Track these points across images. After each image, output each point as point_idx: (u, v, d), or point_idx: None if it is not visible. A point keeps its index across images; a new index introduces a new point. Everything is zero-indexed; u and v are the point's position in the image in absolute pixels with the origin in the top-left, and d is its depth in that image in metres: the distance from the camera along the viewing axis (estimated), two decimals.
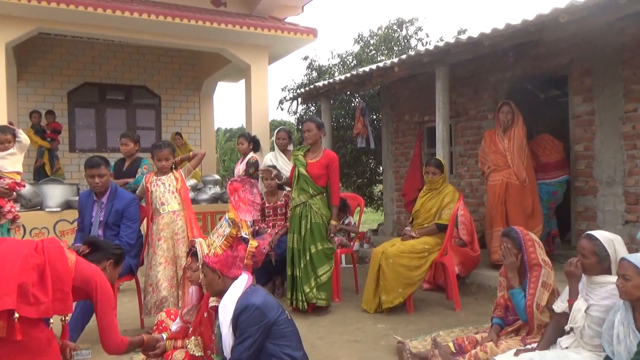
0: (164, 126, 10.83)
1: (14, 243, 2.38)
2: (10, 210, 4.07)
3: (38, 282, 2.19)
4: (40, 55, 9.81)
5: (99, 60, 10.25)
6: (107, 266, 2.72)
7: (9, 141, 4.19)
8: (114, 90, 10.54)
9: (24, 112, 9.56)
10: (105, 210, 4.10)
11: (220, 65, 9.73)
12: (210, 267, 2.71)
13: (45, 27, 7.08)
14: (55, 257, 2.30)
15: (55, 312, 2.22)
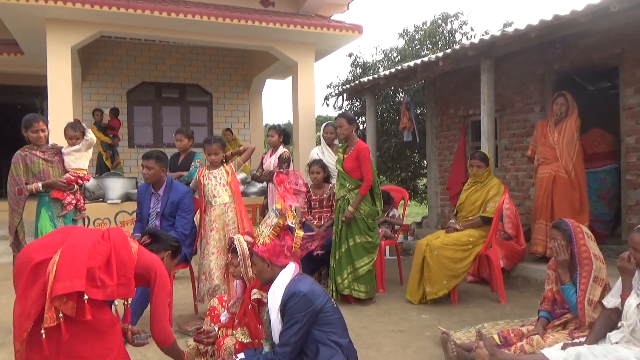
0: (215, 122, 11.04)
1: (83, 231, 2.49)
2: (70, 202, 4.24)
3: (105, 267, 2.30)
4: (102, 57, 10.19)
5: (155, 61, 10.55)
6: (165, 257, 2.80)
7: (77, 138, 4.36)
8: (169, 88, 10.83)
9: (88, 111, 9.96)
10: (162, 202, 4.24)
11: (268, 63, 9.83)
12: (260, 256, 2.75)
13: (106, 30, 7.33)
14: (119, 245, 2.39)
15: (119, 296, 2.31)
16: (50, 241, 2.42)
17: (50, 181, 4.16)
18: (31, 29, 7.21)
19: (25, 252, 2.39)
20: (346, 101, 10.62)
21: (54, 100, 6.98)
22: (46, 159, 4.21)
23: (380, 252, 5.39)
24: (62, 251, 2.24)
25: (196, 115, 11.05)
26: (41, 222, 4.14)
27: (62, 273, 2.16)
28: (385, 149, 10.15)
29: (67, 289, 2.13)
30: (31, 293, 2.19)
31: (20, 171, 4.09)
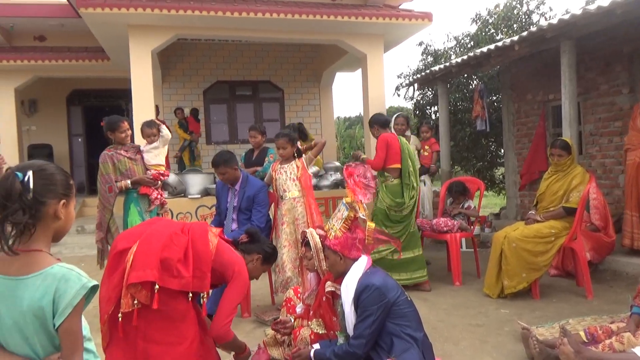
0: (287, 117, 11.23)
1: (165, 223, 2.62)
2: (157, 197, 4.49)
3: (183, 259, 2.39)
4: (179, 59, 10.66)
5: (228, 60, 10.89)
6: (255, 260, 2.78)
7: (154, 135, 4.59)
8: (242, 86, 11.14)
9: (168, 111, 10.47)
10: (239, 196, 4.38)
11: (338, 56, 9.84)
12: (332, 250, 2.78)
13: (183, 33, 7.65)
14: (197, 238, 2.47)
15: (194, 288, 2.38)
16: (134, 231, 2.57)
17: (138, 178, 4.41)
18: (115, 35, 7.67)
19: (114, 240, 2.56)
20: (417, 91, 10.41)
21: (138, 101, 7.39)
22: (130, 157, 4.47)
23: (456, 244, 5.27)
24: (140, 242, 2.37)
25: (268, 111, 11.29)
26: (131, 217, 4.40)
27: (137, 262, 2.30)
28: (459, 138, 9.88)
29: (140, 277, 2.25)
30: (113, 278, 2.35)
31: (109, 170, 4.37)
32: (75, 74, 10.24)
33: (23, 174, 1.49)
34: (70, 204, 1.60)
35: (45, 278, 1.48)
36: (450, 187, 5.77)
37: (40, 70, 9.78)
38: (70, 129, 12.24)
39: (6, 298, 1.49)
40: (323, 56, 10.92)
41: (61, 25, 9.65)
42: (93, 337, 1.76)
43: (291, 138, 4.62)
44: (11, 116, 9.87)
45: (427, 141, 7.28)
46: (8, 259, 1.49)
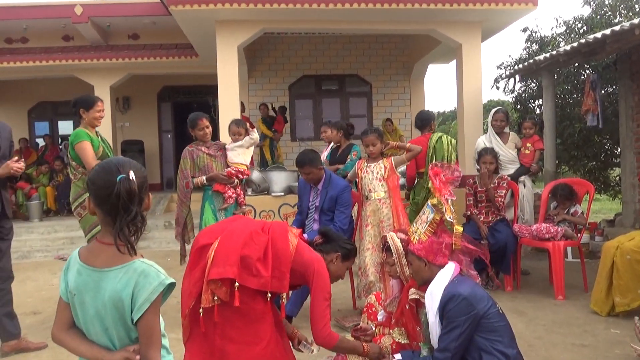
0: (375, 113, 11.21)
1: (246, 221, 2.72)
2: (230, 195, 4.62)
3: (262, 258, 2.48)
4: (265, 53, 11.01)
5: (315, 53, 11.07)
6: (335, 259, 2.81)
7: (241, 134, 4.76)
8: (329, 80, 11.28)
9: (254, 107, 10.86)
10: (321, 196, 4.44)
11: (430, 47, 9.66)
12: (416, 255, 2.74)
13: (269, 27, 7.88)
14: (277, 238, 2.54)
15: (272, 288, 2.45)
16: (217, 228, 2.69)
17: (213, 174, 4.59)
18: (203, 32, 8.07)
19: (197, 236, 2.71)
20: (519, 83, 9.94)
21: (223, 97, 7.74)
22: (210, 153, 4.66)
23: (559, 254, 4.98)
24: (222, 238, 2.48)
25: (356, 106, 11.34)
26: (205, 215, 4.59)
27: (218, 259, 2.41)
28: (567, 135, 9.30)
29: (220, 274, 2.36)
30: (194, 273, 2.48)
31: (187, 165, 4.59)
32: (166, 71, 10.92)
33: (126, 174, 1.62)
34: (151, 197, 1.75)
35: (127, 271, 1.61)
36: (555, 190, 5.46)
37: (134, 68, 10.53)
38: (161, 125, 13.06)
39: (91, 288, 1.64)
40: (414, 47, 10.77)
41: (153, 23, 10.32)
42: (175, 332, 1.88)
43: (380, 134, 4.60)
44: (107, 113, 10.68)
45: (529, 138, 6.93)
46: (96, 251, 1.65)
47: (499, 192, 5.28)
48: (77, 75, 10.53)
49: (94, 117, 4.48)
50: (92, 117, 4.48)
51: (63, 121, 13.41)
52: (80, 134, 4.39)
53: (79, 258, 1.69)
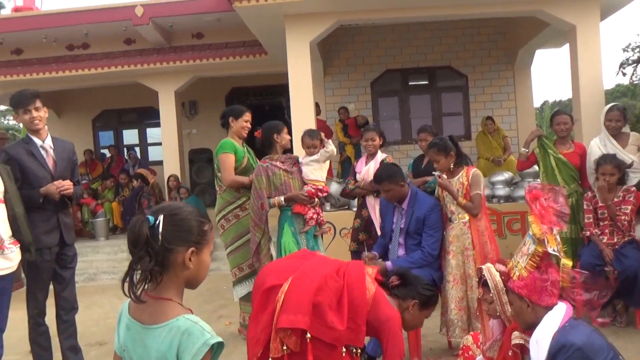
0: (473, 110, 10.94)
1: (319, 260, 2.74)
2: (312, 217, 4.67)
3: (335, 306, 2.48)
4: (342, 46, 11.07)
5: (399, 44, 10.99)
6: (411, 307, 2.79)
7: (315, 146, 4.79)
8: (417, 74, 11.15)
9: (331, 108, 10.94)
10: (406, 217, 4.36)
11: (536, 30, 9.28)
12: (516, 294, 2.64)
13: (345, 19, 7.91)
14: (354, 284, 2.53)
15: (347, 342, 2.45)
16: (284, 266, 2.73)
17: (293, 194, 4.66)
18: (271, 28, 8.25)
19: (261, 274, 2.75)
20: None
21: (296, 98, 7.86)
22: (286, 169, 4.74)
23: None
24: (292, 280, 2.51)
25: (449, 103, 11.12)
26: (284, 239, 4.65)
27: (289, 305, 2.43)
28: None
29: (291, 323, 2.38)
30: (262, 318, 2.52)
31: (262, 184, 4.69)
32: (234, 72, 11.26)
33: (154, 217, 1.68)
34: (203, 252, 1.76)
35: (170, 330, 1.66)
36: None
37: (199, 70, 10.95)
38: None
39: (139, 345, 1.71)
40: (517, 31, 10.40)
41: (218, 21, 10.69)
42: None
43: (440, 148, 4.41)
44: (172, 120, 11.23)
45: None
46: (142, 305, 1.71)
47: (624, 207, 4.95)
48: (140, 81, 11.12)
49: (241, 126, 4.98)
50: (240, 126, 4.98)
51: (127, 130, 14.22)
52: (225, 145, 4.84)
53: (129, 311, 1.77)
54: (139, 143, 14.10)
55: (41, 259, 3.95)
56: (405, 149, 10.97)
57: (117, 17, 10.50)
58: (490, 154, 9.55)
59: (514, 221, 7.09)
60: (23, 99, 3.97)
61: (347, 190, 5.62)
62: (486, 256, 4.20)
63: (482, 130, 9.97)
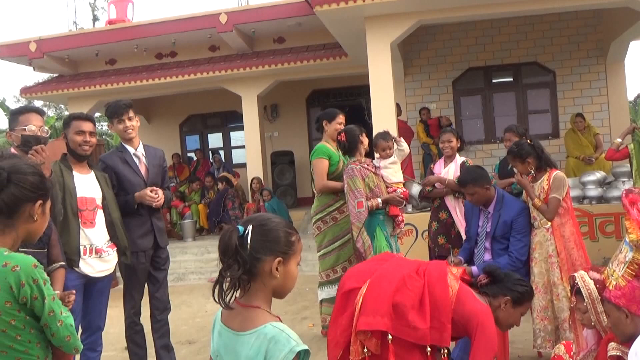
0: (561, 107, 10.52)
1: (398, 262, 2.73)
2: (402, 219, 4.65)
3: (417, 306, 2.46)
4: (423, 45, 10.94)
5: (482, 41, 10.73)
6: (504, 304, 2.71)
7: (390, 147, 4.79)
8: (500, 71, 10.86)
9: (412, 108, 10.85)
10: (492, 221, 4.25)
11: (630, 21, 8.79)
12: (613, 304, 2.52)
13: (426, 18, 7.82)
14: (434, 283, 2.51)
15: (431, 341, 2.42)
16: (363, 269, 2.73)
17: (390, 196, 4.63)
18: (352, 30, 8.28)
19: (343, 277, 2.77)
20: None
21: (376, 99, 7.87)
22: (375, 172, 4.74)
23: None
24: (370, 283, 2.51)
25: (535, 101, 10.76)
26: (378, 242, 4.59)
27: (367, 307, 2.43)
28: None
29: (370, 325, 2.38)
30: (341, 320, 2.53)
31: (359, 185, 4.59)
32: (314, 75, 11.40)
33: (244, 227, 1.75)
34: (290, 262, 1.80)
35: (258, 337, 1.70)
36: None
37: (281, 74, 11.17)
38: (310, 132, 13.62)
39: (230, 351, 1.77)
40: (609, 23, 9.91)
41: (299, 25, 10.84)
42: None
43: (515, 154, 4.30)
44: (255, 123, 11.51)
45: None
46: (233, 312, 1.78)
47: None
48: (225, 86, 11.49)
49: (334, 128, 5.03)
50: (333, 128, 5.04)
51: (212, 134, 14.69)
52: (319, 150, 4.97)
53: (221, 318, 1.84)
54: (223, 146, 14.55)
55: (137, 261, 4.15)
56: (489, 149, 10.70)
57: (202, 25, 10.87)
58: (581, 152, 9.15)
59: (606, 223, 6.77)
60: (117, 109, 4.18)
61: (425, 192, 5.50)
62: (574, 263, 4.05)
63: (571, 127, 9.58)
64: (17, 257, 1.96)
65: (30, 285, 1.93)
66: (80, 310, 3.69)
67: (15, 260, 1.93)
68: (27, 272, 1.93)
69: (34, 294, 1.94)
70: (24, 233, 2.06)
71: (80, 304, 3.67)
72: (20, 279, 1.91)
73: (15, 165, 2.02)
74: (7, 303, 1.92)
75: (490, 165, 9.15)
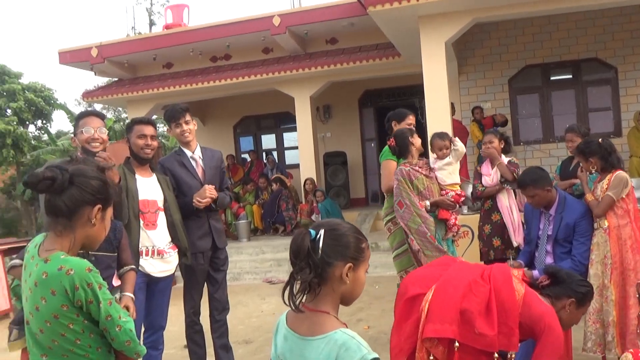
0: (623, 104, 10.14)
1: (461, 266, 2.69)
2: (455, 223, 4.57)
3: (484, 312, 2.41)
4: (478, 44, 10.74)
5: (540, 37, 10.46)
6: (568, 305, 2.66)
7: (447, 147, 4.69)
8: (559, 68, 10.57)
9: (466, 107, 10.67)
10: (554, 223, 4.12)
11: None
12: None
13: (482, 16, 7.67)
14: (501, 287, 2.46)
15: (500, 347, 2.38)
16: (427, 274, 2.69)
17: (439, 199, 4.54)
18: (405, 29, 8.21)
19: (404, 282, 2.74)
20: None
21: (431, 99, 7.79)
22: (426, 174, 4.67)
23: None
24: (436, 289, 2.47)
25: (596, 98, 10.43)
26: None
27: (434, 314, 2.39)
28: None
29: (437, 332, 2.34)
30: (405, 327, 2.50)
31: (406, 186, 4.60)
32: (367, 75, 11.38)
33: (316, 232, 1.75)
34: (359, 269, 1.79)
35: (329, 342, 1.70)
36: None
37: (334, 75, 11.20)
38: (363, 133, 13.60)
39: (296, 356, 1.77)
40: None
41: (351, 25, 10.83)
42: None
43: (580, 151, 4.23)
44: (308, 125, 11.56)
45: None
46: (300, 316, 1.78)
47: None
48: (278, 88, 11.59)
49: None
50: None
51: (266, 135, 14.84)
52: (387, 151, 4.91)
53: (286, 322, 1.84)
54: (277, 147, 14.68)
55: (195, 262, 4.22)
56: (547, 148, 10.42)
57: (256, 28, 11.01)
58: None
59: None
60: (174, 114, 4.26)
61: (478, 192, 5.36)
62: (626, 267, 3.95)
63: (634, 126, 9.24)
64: (72, 260, 2.01)
65: (84, 289, 1.98)
66: (143, 309, 3.78)
67: (70, 264, 1.99)
68: (81, 275, 1.98)
69: (89, 297, 1.99)
70: (82, 237, 2.11)
71: (143, 303, 3.77)
72: (74, 283, 1.96)
73: (79, 169, 2.08)
74: (63, 306, 1.98)
75: (548, 166, 8.92)
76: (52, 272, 1.97)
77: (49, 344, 2.02)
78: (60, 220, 2.05)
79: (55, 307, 1.97)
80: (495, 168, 5.18)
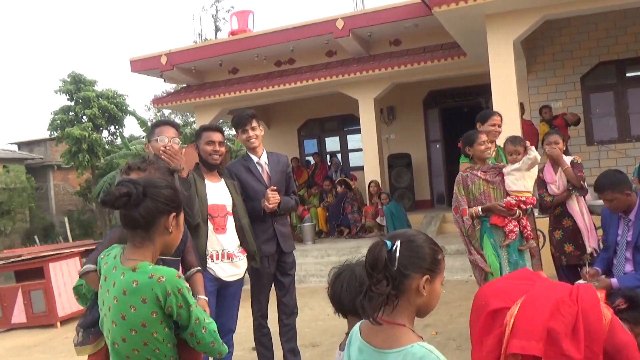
0: None
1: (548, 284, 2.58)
2: (512, 230, 4.36)
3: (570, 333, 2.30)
4: (548, 41, 10.41)
5: (614, 33, 10.04)
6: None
7: (519, 153, 4.48)
8: (635, 65, 10.12)
9: (536, 107, 10.34)
10: (634, 229, 3.93)
11: None
12: None
13: (553, 13, 7.43)
14: (589, 309, 2.34)
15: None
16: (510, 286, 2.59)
17: (490, 205, 4.42)
18: (471, 28, 8.04)
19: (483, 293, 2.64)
20: None
21: (498, 99, 7.60)
22: (487, 179, 4.52)
23: None
24: (522, 304, 2.38)
25: None
26: (485, 251, 4.44)
27: (520, 329, 2.31)
28: None
29: (523, 349, 2.25)
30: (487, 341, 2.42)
31: (462, 192, 4.51)
32: (431, 76, 11.20)
33: (392, 243, 1.71)
34: (436, 281, 1.75)
35: (406, 356, 1.66)
36: None
37: (398, 76, 11.09)
38: (428, 134, 13.40)
39: None
40: None
41: (415, 26, 10.70)
42: None
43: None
44: (372, 127, 11.50)
45: None
46: (375, 328, 1.75)
47: None
48: (341, 90, 11.58)
49: (487, 130, 4.79)
50: (487, 131, 4.78)
51: (329, 137, 14.88)
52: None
53: (360, 334, 1.82)
54: (341, 149, 14.68)
55: (261, 266, 4.27)
56: (623, 148, 9.97)
57: (319, 32, 11.04)
58: None
59: None
60: (241, 120, 4.33)
61: (547, 204, 5.15)
62: None
63: None
64: (161, 269, 2.06)
65: (175, 295, 2.03)
66: (214, 313, 3.84)
67: (160, 272, 2.04)
68: (172, 282, 2.03)
69: (179, 302, 2.04)
70: (161, 245, 2.17)
71: (214, 307, 3.84)
72: (166, 289, 2.01)
73: (149, 180, 2.14)
74: (153, 314, 2.03)
75: (624, 166, 8.52)
76: (143, 280, 2.03)
77: (128, 354, 2.08)
78: (139, 232, 2.11)
79: (145, 314, 2.02)
80: (560, 172, 5.00)
